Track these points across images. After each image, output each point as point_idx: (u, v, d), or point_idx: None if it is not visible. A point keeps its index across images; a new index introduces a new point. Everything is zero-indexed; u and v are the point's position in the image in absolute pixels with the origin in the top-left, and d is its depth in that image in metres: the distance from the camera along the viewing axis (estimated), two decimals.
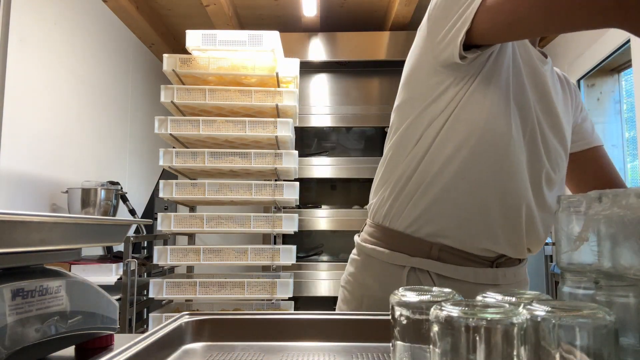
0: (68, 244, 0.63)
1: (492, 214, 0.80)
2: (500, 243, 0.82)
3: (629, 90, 2.76)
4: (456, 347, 0.41)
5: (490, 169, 0.78)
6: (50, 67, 2.30)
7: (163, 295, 1.99)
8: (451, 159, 0.79)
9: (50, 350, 0.62)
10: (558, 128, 0.85)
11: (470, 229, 0.81)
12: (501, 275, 0.83)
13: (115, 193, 2.36)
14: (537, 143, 0.82)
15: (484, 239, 0.81)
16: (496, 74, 0.78)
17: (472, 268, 0.82)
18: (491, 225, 0.81)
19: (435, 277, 0.81)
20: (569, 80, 0.98)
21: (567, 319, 0.40)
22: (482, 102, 0.77)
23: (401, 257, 0.83)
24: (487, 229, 0.81)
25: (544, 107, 0.84)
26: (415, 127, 0.82)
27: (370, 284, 0.87)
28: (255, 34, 2.07)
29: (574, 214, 0.53)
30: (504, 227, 0.81)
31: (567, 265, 0.54)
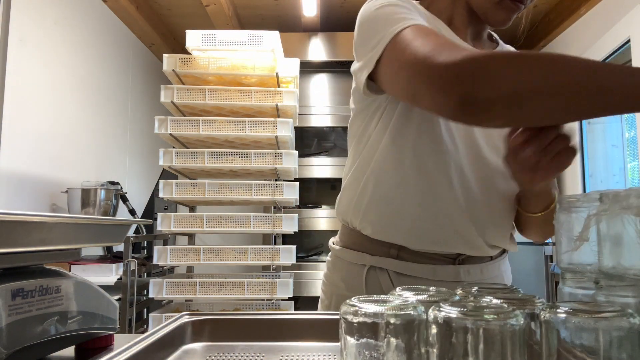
0: (68, 244, 0.63)
1: (438, 219, 0.81)
2: (454, 245, 0.82)
3: None
4: (454, 349, 0.41)
5: (424, 178, 0.80)
6: (50, 67, 2.30)
7: (163, 295, 1.99)
8: (388, 172, 0.82)
9: (50, 350, 0.62)
10: None
11: (421, 236, 0.82)
12: (464, 272, 0.83)
13: (115, 193, 2.36)
14: (476, 143, 0.82)
15: (436, 243, 0.82)
16: None
17: (431, 265, 0.82)
18: (440, 230, 0.81)
19: (394, 275, 0.82)
20: None
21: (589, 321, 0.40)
22: (408, 116, 0.80)
23: (362, 257, 0.85)
24: (437, 234, 0.81)
25: None
26: (360, 142, 0.88)
27: (338, 283, 0.89)
28: (255, 34, 2.07)
29: (574, 214, 0.53)
30: (453, 230, 0.81)
31: (567, 265, 0.54)
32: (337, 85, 3.14)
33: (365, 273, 0.84)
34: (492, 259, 0.87)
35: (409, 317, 0.43)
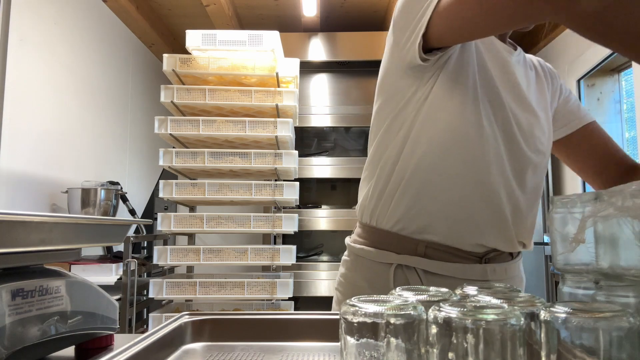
0: (68, 244, 0.63)
1: (475, 206, 0.81)
2: (488, 235, 0.83)
3: (629, 90, 2.76)
4: (454, 349, 0.41)
5: (464, 162, 0.81)
6: (50, 67, 2.30)
7: (163, 295, 1.99)
8: (425, 156, 0.82)
9: (50, 350, 0.62)
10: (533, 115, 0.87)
11: (456, 223, 0.82)
12: (490, 271, 0.83)
13: (115, 193, 2.36)
14: (513, 132, 0.83)
15: (471, 232, 0.82)
16: (461, 71, 0.81)
17: (459, 264, 0.82)
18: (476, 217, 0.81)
19: (422, 273, 0.82)
20: (546, 65, 0.98)
21: (589, 321, 0.40)
22: (449, 98, 0.80)
23: (388, 255, 0.84)
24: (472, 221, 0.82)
25: (516, 97, 0.85)
26: (391, 128, 0.86)
27: (360, 283, 0.88)
28: (255, 34, 2.07)
29: (569, 215, 0.53)
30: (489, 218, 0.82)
31: (563, 266, 0.54)
32: (337, 85, 3.14)
33: (392, 272, 0.83)
34: (513, 258, 0.88)
35: (409, 317, 0.43)
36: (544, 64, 0.98)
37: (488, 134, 0.80)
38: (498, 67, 0.85)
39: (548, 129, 0.90)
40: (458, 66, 0.81)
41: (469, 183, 0.81)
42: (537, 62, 0.98)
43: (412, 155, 0.82)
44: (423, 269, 0.82)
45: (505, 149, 0.82)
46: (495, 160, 0.81)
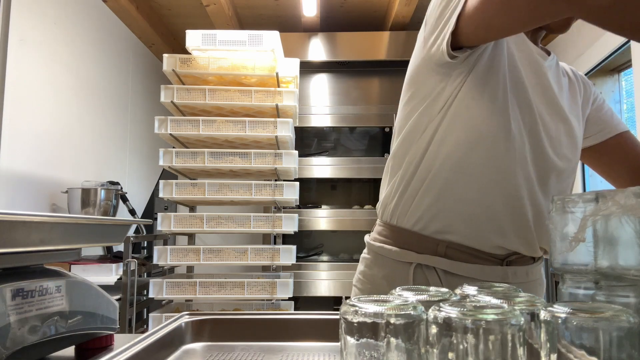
0: (68, 244, 0.63)
1: (497, 208, 0.81)
2: (510, 238, 0.82)
3: (629, 90, 2.77)
4: (454, 349, 0.41)
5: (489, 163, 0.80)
6: (51, 67, 2.30)
7: (163, 295, 1.99)
8: (450, 155, 0.81)
9: (50, 350, 0.62)
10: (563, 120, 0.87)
11: (477, 225, 0.81)
12: (511, 274, 0.83)
13: (115, 193, 2.36)
14: (539, 136, 0.83)
15: (492, 234, 0.81)
16: (492, 72, 0.81)
17: (479, 265, 0.82)
18: (497, 219, 0.81)
19: (442, 273, 0.82)
20: (578, 73, 0.98)
21: (589, 321, 0.40)
22: (478, 98, 0.80)
23: (408, 254, 0.84)
24: (494, 223, 0.81)
25: (547, 101, 0.85)
26: (417, 126, 0.85)
27: (379, 281, 0.88)
28: (255, 34, 2.07)
29: (569, 214, 0.53)
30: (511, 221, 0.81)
31: (561, 266, 0.54)
32: (337, 85, 3.14)
33: (411, 271, 0.83)
34: (535, 261, 0.88)
35: (409, 317, 0.43)
36: (577, 72, 0.98)
37: (515, 136, 0.80)
38: (530, 70, 0.85)
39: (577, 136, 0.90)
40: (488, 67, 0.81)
41: (492, 184, 0.80)
42: (570, 70, 0.98)
43: (437, 154, 0.82)
44: (443, 269, 0.82)
45: (531, 152, 0.82)
46: (520, 163, 0.81)
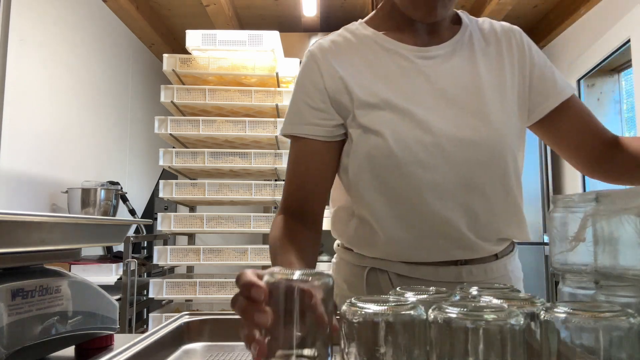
0: (68, 244, 0.63)
1: (421, 232, 0.77)
2: (445, 250, 0.78)
3: (629, 90, 2.77)
4: (454, 349, 0.41)
5: (396, 189, 0.77)
6: (50, 67, 2.30)
7: (163, 295, 1.99)
8: (358, 187, 0.80)
9: (50, 350, 0.62)
10: (463, 111, 0.78)
11: (408, 246, 0.79)
12: (466, 273, 0.80)
13: (115, 193, 2.36)
14: (423, 138, 0.76)
15: (427, 254, 0.79)
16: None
17: (432, 267, 0.79)
18: (426, 243, 0.78)
19: (394, 276, 0.81)
20: (512, 34, 0.86)
21: (589, 321, 0.40)
22: (364, 137, 0.78)
23: (362, 258, 0.84)
24: (424, 247, 0.78)
25: (428, 94, 0.78)
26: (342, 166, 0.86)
27: (341, 284, 0.88)
28: (255, 34, 2.07)
29: (569, 214, 0.53)
30: (440, 238, 0.77)
31: (561, 266, 0.54)
32: None
33: (365, 275, 0.83)
34: (498, 257, 0.83)
35: (409, 317, 0.43)
36: (510, 32, 0.86)
37: (395, 152, 0.75)
38: (399, 75, 0.79)
39: (496, 119, 0.79)
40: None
41: (406, 210, 0.77)
42: (501, 32, 0.86)
43: (352, 187, 0.81)
44: (397, 272, 0.81)
45: (421, 162, 0.75)
46: (412, 177, 0.75)
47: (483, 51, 0.83)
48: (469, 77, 0.80)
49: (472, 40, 0.84)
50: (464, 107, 0.78)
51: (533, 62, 0.85)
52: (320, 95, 0.80)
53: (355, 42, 0.83)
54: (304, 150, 0.81)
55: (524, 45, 0.86)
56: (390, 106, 0.77)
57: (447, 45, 0.82)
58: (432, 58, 0.81)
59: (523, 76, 0.84)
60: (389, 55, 0.81)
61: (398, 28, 0.83)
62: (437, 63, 0.81)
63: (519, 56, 0.85)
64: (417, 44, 0.81)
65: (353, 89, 0.78)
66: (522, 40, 0.86)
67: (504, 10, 2.85)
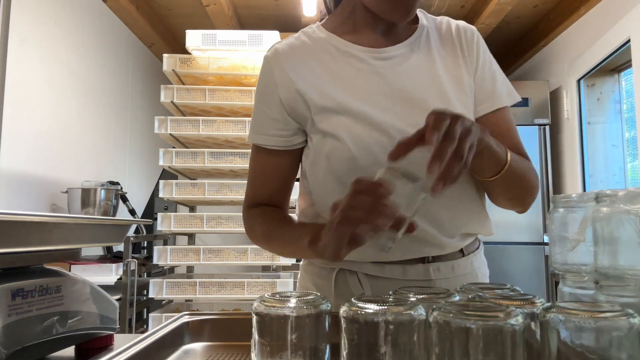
0: (68, 244, 0.63)
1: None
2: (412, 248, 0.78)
3: (629, 90, 2.77)
4: (454, 349, 0.41)
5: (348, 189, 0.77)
6: (50, 67, 2.30)
7: (163, 295, 1.99)
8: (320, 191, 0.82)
9: (50, 350, 0.62)
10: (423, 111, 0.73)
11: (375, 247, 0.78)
12: (434, 270, 0.79)
13: (115, 193, 2.36)
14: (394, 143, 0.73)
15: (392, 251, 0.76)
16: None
17: (400, 265, 0.79)
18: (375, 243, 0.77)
19: (363, 277, 0.80)
20: (464, 33, 0.85)
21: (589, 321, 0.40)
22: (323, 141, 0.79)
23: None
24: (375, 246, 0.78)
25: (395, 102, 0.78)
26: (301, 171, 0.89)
27: (310, 287, 0.88)
28: (255, 34, 2.08)
29: (569, 214, 0.53)
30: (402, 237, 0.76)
31: (561, 266, 0.54)
32: None
33: (334, 276, 0.82)
34: (464, 254, 0.83)
35: (409, 317, 0.43)
36: (462, 31, 0.85)
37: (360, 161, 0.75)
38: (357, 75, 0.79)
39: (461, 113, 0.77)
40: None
41: None
42: (455, 31, 0.85)
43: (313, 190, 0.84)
44: (365, 273, 0.80)
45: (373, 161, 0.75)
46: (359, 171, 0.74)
47: (439, 50, 0.83)
48: (428, 75, 0.80)
49: (429, 39, 0.84)
50: (424, 106, 0.76)
51: (479, 63, 0.84)
52: (276, 107, 0.81)
53: (311, 45, 0.83)
54: (265, 158, 0.85)
55: (473, 46, 0.85)
56: (347, 110, 0.77)
57: (404, 45, 0.82)
58: (389, 59, 0.81)
59: (470, 74, 0.84)
60: (345, 58, 0.81)
61: (355, 30, 0.83)
62: (395, 63, 0.80)
63: (469, 55, 0.84)
64: (373, 45, 0.81)
65: (309, 95, 0.79)
66: (473, 40, 0.85)
67: (504, 10, 2.85)
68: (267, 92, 0.83)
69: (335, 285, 0.82)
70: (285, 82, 0.80)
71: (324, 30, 0.85)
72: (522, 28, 3.34)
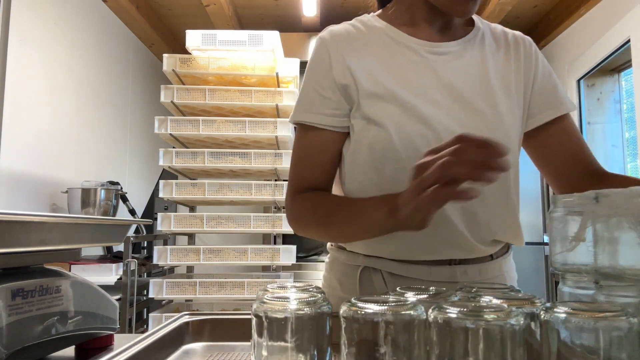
0: (68, 244, 0.63)
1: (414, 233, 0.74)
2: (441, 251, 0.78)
3: (629, 90, 2.77)
4: (454, 349, 0.41)
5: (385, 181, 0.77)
6: (50, 67, 2.30)
7: (163, 295, 1.99)
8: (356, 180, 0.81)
9: (50, 350, 0.62)
10: (465, 110, 0.78)
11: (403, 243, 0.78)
12: (460, 273, 0.79)
13: (115, 193, 2.36)
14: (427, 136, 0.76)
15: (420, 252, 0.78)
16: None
17: (426, 266, 0.79)
18: (421, 238, 0.76)
19: (388, 275, 0.80)
20: (523, 43, 0.87)
21: (589, 321, 0.40)
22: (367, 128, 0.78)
23: (356, 258, 0.83)
24: (419, 243, 0.77)
25: (443, 97, 0.78)
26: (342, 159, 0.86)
27: (334, 284, 0.88)
28: (255, 34, 2.07)
29: (569, 215, 0.53)
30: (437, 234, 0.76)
31: (561, 266, 0.54)
32: None
33: (359, 274, 0.82)
34: (493, 258, 0.83)
35: (409, 317, 0.43)
36: (520, 40, 0.87)
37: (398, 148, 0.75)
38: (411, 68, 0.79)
39: (500, 120, 0.79)
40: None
41: None
42: (512, 38, 0.87)
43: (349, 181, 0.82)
44: (389, 271, 0.80)
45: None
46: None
47: (493, 53, 0.84)
48: (478, 76, 0.81)
49: (483, 41, 0.85)
50: (472, 105, 0.78)
51: (538, 72, 0.86)
52: (330, 86, 0.80)
53: (366, 33, 0.84)
54: (313, 138, 0.82)
55: (532, 55, 0.87)
56: (396, 99, 0.77)
57: (459, 43, 0.83)
58: (442, 54, 0.81)
59: (526, 84, 0.85)
60: (399, 48, 0.81)
61: (412, 23, 0.84)
62: (448, 59, 0.81)
63: (526, 64, 0.86)
64: (429, 40, 0.82)
65: (359, 79, 0.79)
66: (531, 50, 0.87)
67: (504, 10, 2.85)
68: (321, 71, 0.81)
69: (360, 283, 0.81)
70: (339, 62, 0.80)
71: (380, 20, 0.86)
72: (522, 28, 3.34)
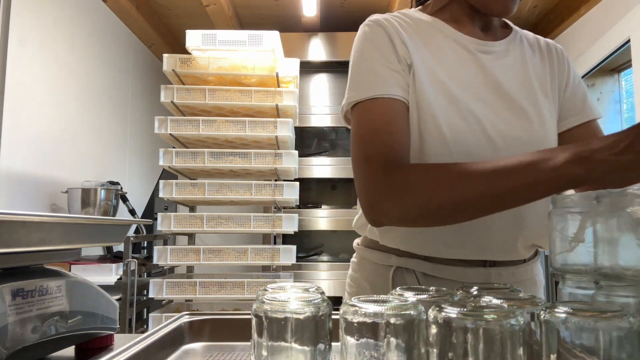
0: (68, 244, 0.63)
1: (478, 226, 0.75)
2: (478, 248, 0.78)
3: (629, 90, 2.76)
4: (454, 349, 0.41)
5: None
6: (50, 67, 2.30)
7: (163, 295, 1.99)
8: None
9: (50, 350, 0.62)
10: (512, 106, 0.79)
11: (441, 238, 0.77)
12: (495, 275, 0.79)
13: (115, 193, 2.36)
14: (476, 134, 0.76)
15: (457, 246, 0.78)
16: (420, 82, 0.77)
17: (461, 268, 0.79)
18: (478, 237, 0.76)
19: (421, 276, 0.79)
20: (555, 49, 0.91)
21: (589, 321, 0.40)
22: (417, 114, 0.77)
23: (388, 258, 0.83)
24: (474, 242, 0.77)
25: (490, 94, 0.79)
26: None
27: (364, 284, 0.87)
28: (255, 34, 2.07)
29: (569, 215, 0.53)
30: (475, 229, 0.76)
31: (561, 266, 0.54)
32: (337, 85, 3.14)
33: (391, 274, 0.81)
34: (525, 261, 0.83)
35: (409, 317, 0.43)
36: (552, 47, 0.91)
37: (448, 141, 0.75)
38: (458, 64, 0.80)
39: (542, 120, 0.81)
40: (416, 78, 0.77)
41: None
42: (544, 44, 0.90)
43: None
44: (422, 271, 0.80)
45: (473, 155, 0.74)
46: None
47: (530, 56, 0.87)
48: (521, 76, 0.83)
49: (522, 44, 0.88)
50: (516, 103, 0.80)
51: (570, 79, 0.89)
52: (398, 59, 0.77)
53: (414, 25, 0.83)
54: (388, 111, 0.75)
55: (564, 62, 0.90)
56: (445, 91, 0.77)
57: (502, 43, 0.85)
58: (489, 52, 0.83)
59: (560, 88, 0.88)
60: (448, 42, 0.82)
61: (454, 20, 0.84)
62: (494, 58, 0.83)
63: (559, 70, 0.88)
64: (474, 37, 0.83)
65: (416, 62, 0.77)
66: (564, 57, 0.91)
67: None
68: (384, 47, 0.78)
69: (393, 284, 0.80)
70: (400, 43, 0.78)
71: (423, 14, 0.85)
72: (522, 28, 3.34)
